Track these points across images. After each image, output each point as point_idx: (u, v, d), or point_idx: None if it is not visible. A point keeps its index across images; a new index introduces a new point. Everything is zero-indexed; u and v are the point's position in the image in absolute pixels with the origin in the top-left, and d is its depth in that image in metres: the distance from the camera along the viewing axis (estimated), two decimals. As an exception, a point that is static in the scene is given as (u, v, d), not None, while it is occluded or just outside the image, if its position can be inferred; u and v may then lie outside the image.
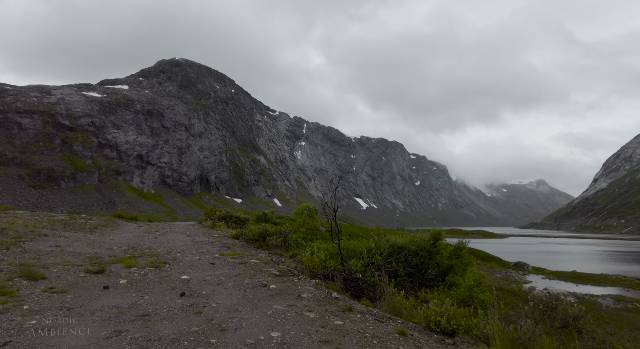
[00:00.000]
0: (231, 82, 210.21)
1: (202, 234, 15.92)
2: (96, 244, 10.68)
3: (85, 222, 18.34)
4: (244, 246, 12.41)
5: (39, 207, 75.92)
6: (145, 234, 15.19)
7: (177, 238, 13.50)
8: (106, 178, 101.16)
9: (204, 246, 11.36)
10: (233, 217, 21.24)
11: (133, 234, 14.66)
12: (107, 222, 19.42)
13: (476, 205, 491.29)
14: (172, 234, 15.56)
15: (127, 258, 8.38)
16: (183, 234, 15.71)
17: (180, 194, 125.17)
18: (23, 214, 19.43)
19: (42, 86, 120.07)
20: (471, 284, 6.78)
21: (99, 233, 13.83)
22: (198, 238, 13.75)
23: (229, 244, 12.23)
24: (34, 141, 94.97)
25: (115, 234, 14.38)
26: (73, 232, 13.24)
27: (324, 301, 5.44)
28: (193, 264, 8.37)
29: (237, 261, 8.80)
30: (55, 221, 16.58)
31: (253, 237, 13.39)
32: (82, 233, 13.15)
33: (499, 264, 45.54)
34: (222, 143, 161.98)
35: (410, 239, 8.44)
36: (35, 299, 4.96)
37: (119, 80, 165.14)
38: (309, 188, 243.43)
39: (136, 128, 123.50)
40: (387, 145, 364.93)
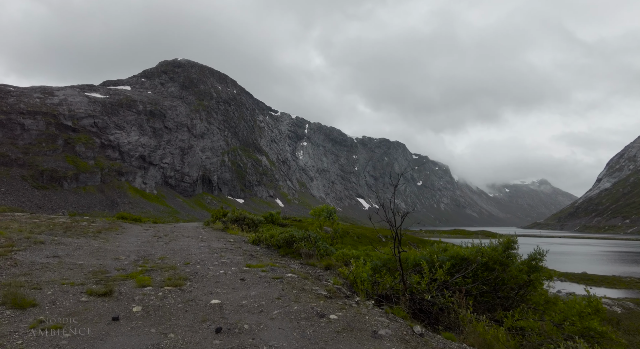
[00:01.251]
0: (233, 83, 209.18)
1: (216, 238, 14.66)
2: (100, 253, 9.51)
3: (88, 225, 17.02)
4: (268, 253, 11.24)
5: (41, 208, 74.84)
6: (153, 238, 13.93)
7: (191, 244, 12.24)
8: (109, 179, 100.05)
9: (223, 254, 10.19)
10: (246, 219, 19.88)
11: (141, 239, 13.42)
12: (111, 225, 18.07)
13: (479, 205, 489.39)
14: (184, 238, 14.28)
15: (139, 272, 7.12)
16: (195, 238, 14.44)
17: (182, 195, 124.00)
18: (21, 217, 18.14)
19: (44, 87, 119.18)
20: (583, 310, 5.27)
21: (103, 238, 12.65)
22: (214, 244, 12.49)
23: (250, 252, 10.99)
24: (37, 142, 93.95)
25: (121, 239, 13.18)
26: (74, 237, 12.13)
27: (411, 342, 3.98)
28: (219, 280, 7.04)
29: (270, 276, 7.49)
30: (55, 225, 15.42)
31: (277, 244, 12.08)
32: (84, 239, 12.00)
33: None
34: (224, 144, 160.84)
35: (477, 249, 7.12)
36: (17, 343, 3.53)
37: (121, 81, 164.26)
38: (311, 188, 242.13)
39: (138, 129, 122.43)
40: (389, 145, 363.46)
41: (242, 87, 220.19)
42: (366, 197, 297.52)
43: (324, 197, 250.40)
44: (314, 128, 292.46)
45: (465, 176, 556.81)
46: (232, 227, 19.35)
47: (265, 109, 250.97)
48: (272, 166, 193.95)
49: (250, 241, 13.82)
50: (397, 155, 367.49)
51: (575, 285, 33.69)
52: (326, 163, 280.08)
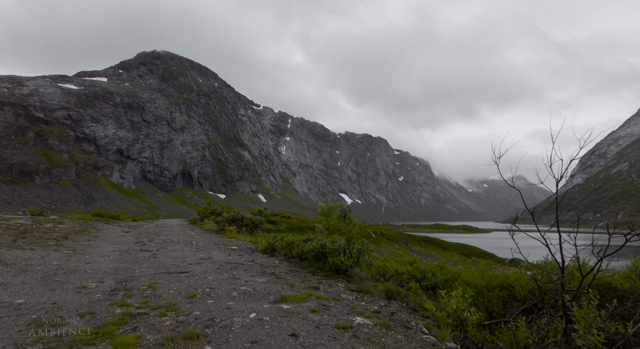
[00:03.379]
0: (214, 76, 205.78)
1: (214, 245, 12.54)
2: (60, 276, 6.90)
3: (53, 227, 15.03)
4: (292, 269, 8.84)
5: (10, 203, 72.43)
6: (136, 246, 11.86)
7: (187, 256, 9.98)
8: (84, 173, 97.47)
9: (237, 274, 7.80)
10: (245, 219, 17.99)
11: (119, 247, 11.29)
12: (82, 227, 16.93)
13: (458, 200, 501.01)
14: (174, 245, 12.31)
15: (118, 321, 4.62)
16: (189, 245, 12.41)
17: (162, 190, 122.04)
18: None
19: (13, 77, 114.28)
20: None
21: (68, 248, 10.19)
22: (217, 255, 10.26)
23: (270, 269, 8.68)
24: (5, 135, 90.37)
25: (94, 248, 10.91)
26: (27, 248, 9.49)
27: None
28: (256, 337, 4.34)
29: (331, 322, 4.98)
30: (8, 228, 13.04)
31: (299, 256, 9.87)
32: (41, 250, 9.47)
33: (494, 261, 45.95)
34: (205, 138, 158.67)
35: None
36: None
37: (97, 72, 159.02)
38: (294, 184, 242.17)
39: (116, 122, 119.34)
40: (371, 141, 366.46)
41: (224, 81, 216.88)
42: (349, 193, 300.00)
43: (306, 192, 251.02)
44: (297, 123, 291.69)
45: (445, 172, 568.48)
46: (230, 229, 17.08)
47: (247, 103, 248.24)
48: (254, 161, 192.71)
49: (261, 250, 11.57)
50: (379, 151, 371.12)
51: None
52: (309, 158, 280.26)
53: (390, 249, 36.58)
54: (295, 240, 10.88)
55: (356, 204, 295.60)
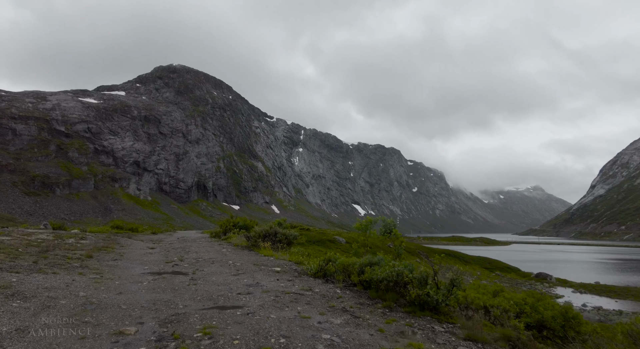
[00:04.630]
0: (228, 89, 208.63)
1: (253, 265, 11.53)
2: (90, 314, 5.81)
3: (76, 242, 14.35)
4: (361, 302, 7.58)
5: (32, 215, 73.28)
6: (167, 267, 10.87)
7: (231, 282, 8.86)
8: (102, 185, 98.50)
9: (300, 308, 6.74)
10: (279, 234, 16.47)
11: (150, 270, 10.30)
12: (105, 243, 16.33)
13: (473, 211, 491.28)
14: (209, 266, 11.24)
15: None
16: (226, 266, 11.32)
17: (177, 201, 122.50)
18: None
19: (37, 92, 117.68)
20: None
21: (94, 271, 9.32)
22: (262, 280, 9.23)
23: (335, 301, 7.53)
24: (29, 147, 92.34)
25: (122, 270, 10.00)
26: (49, 272, 8.47)
27: None
28: None
29: None
30: (29, 245, 12.27)
31: (364, 283, 8.43)
32: (65, 274, 8.49)
33: (519, 275, 43.53)
34: (219, 149, 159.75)
35: None
36: None
37: (115, 86, 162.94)
38: (307, 195, 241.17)
39: (133, 134, 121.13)
40: (384, 151, 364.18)
41: (238, 93, 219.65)
42: (362, 204, 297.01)
43: (319, 203, 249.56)
44: (310, 134, 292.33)
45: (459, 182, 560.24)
46: (264, 246, 15.65)
47: (260, 115, 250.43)
48: (267, 172, 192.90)
49: (310, 274, 10.31)
50: (393, 161, 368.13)
51: (597, 297, 31.69)
52: (322, 169, 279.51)
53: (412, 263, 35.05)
54: (352, 263, 9.57)
55: (369, 215, 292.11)
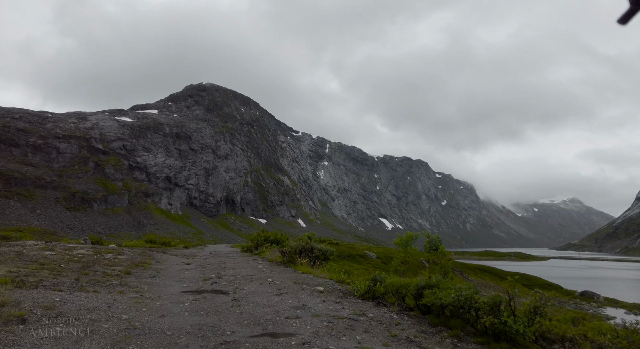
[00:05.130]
0: (256, 105, 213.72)
1: (293, 283, 11.07)
2: (134, 340, 5.47)
3: (113, 258, 14.98)
4: (423, 329, 6.92)
5: (72, 229, 76.59)
6: (206, 284, 10.52)
7: (275, 303, 8.36)
8: (136, 200, 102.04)
9: (359, 338, 6.16)
10: (315, 250, 15.94)
11: (189, 288, 9.98)
12: (142, 258, 16.55)
13: (506, 225, 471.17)
14: (249, 284, 10.78)
15: None
16: (266, 283, 10.98)
17: (206, 215, 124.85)
18: (31, 249, 15.04)
19: (78, 113, 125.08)
20: None
21: (134, 289, 9.18)
22: (308, 301, 8.63)
23: (395, 328, 6.87)
24: (70, 165, 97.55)
25: (161, 288, 9.80)
26: (90, 290, 8.37)
27: None
28: None
29: None
30: (71, 261, 12.64)
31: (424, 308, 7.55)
32: (106, 292, 8.36)
33: (561, 293, 40.51)
34: (247, 164, 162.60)
35: None
36: None
37: (149, 105, 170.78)
38: (333, 208, 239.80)
39: (165, 151, 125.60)
40: (411, 164, 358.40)
41: (265, 109, 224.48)
42: (389, 217, 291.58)
43: (345, 217, 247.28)
44: (335, 148, 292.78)
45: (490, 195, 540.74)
46: (301, 262, 15.11)
47: (286, 129, 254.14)
48: (293, 186, 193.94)
49: (358, 295, 9.49)
50: (420, 174, 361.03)
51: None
52: (347, 182, 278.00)
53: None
54: (404, 284, 8.71)
55: (397, 229, 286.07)
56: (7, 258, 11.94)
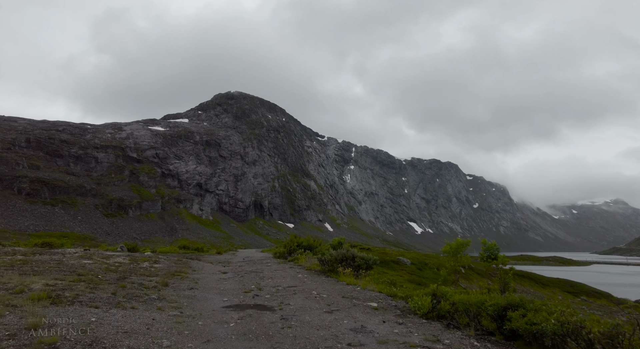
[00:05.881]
0: (282, 111, 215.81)
1: (341, 297, 10.08)
2: None
3: (149, 267, 14.74)
4: None
5: (110, 234, 79.38)
6: (247, 298, 9.85)
7: (329, 323, 7.42)
8: (168, 206, 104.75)
9: None
10: (357, 258, 14.90)
11: (230, 302, 9.25)
12: (178, 267, 16.12)
13: (542, 228, 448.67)
14: (294, 297, 10.00)
15: None
16: (311, 297, 10.07)
17: (236, 220, 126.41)
18: (70, 257, 15.22)
19: (115, 123, 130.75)
20: None
21: (173, 305, 8.50)
22: (365, 321, 7.69)
23: None
24: (107, 173, 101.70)
25: (201, 302, 9.12)
26: (129, 306, 7.75)
27: None
28: None
29: None
30: (107, 270, 12.44)
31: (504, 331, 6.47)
32: (144, 309, 7.73)
33: (611, 302, 37.02)
34: (274, 170, 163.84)
35: None
36: None
37: (180, 114, 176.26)
38: (360, 212, 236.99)
39: (195, 158, 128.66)
40: (440, 166, 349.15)
41: (291, 115, 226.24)
42: (418, 221, 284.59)
43: (373, 221, 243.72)
44: (361, 151, 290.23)
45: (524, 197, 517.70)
46: (344, 272, 13.98)
47: (312, 134, 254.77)
48: (320, 190, 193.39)
49: (421, 313, 8.21)
50: (450, 176, 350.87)
51: None
52: (374, 186, 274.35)
53: (482, 285, 30.91)
54: (477, 302, 7.41)
55: (427, 233, 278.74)
56: (46, 268, 11.65)
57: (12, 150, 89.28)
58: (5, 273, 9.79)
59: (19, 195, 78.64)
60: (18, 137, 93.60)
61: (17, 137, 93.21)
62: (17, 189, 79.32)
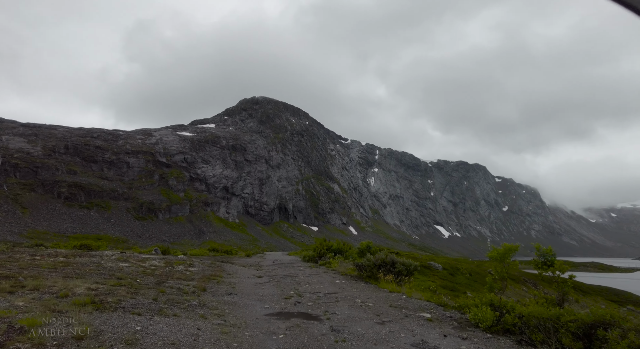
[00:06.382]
0: (305, 115, 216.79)
1: (389, 306, 9.38)
2: None
3: (185, 271, 14.71)
4: None
5: (141, 237, 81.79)
6: (289, 304, 9.36)
7: (381, 334, 6.88)
8: (196, 209, 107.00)
9: None
10: (397, 264, 14.00)
11: (272, 310, 8.80)
12: (212, 270, 15.99)
13: (578, 232, 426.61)
14: (337, 305, 9.34)
15: None
16: (356, 306, 9.36)
17: (261, 223, 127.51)
18: (108, 259, 15.70)
19: (145, 129, 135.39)
20: None
21: (215, 312, 8.09)
22: (421, 332, 7.10)
23: None
24: (138, 178, 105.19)
25: (241, 309, 8.69)
26: (171, 314, 7.37)
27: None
28: None
29: None
30: (145, 273, 12.46)
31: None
32: (186, 317, 7.32)
33: None
34: (298, 173, 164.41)
35: None
36: None
37: (206, 120, 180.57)
38: (385, 215, 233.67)
39: (222, 162, 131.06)
40: (467, 168, 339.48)
41: (314, 119, 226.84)
42: (445, 225, 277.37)
43: (398, 224, 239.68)
44: (385, 154, 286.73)
45: (556, 199, 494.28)
46: (385, 278, 13.17)
47: (335, 137, 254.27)
48: (344, 193, 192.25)
49: (484, 327, 7.25)
50: (478, 178, 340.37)
51: None
52: (399, 189, 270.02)
53: (517, 292, 29.57)
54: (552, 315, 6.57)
55: (454, 237, 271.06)
56: (87, 271, 11.66)
57: (52, 156, 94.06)
58: (49, 275, 9.79)
59: (59, 199, 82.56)
60: (57, 144, 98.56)
61: (56, 144, 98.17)
62: (57, 193, 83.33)
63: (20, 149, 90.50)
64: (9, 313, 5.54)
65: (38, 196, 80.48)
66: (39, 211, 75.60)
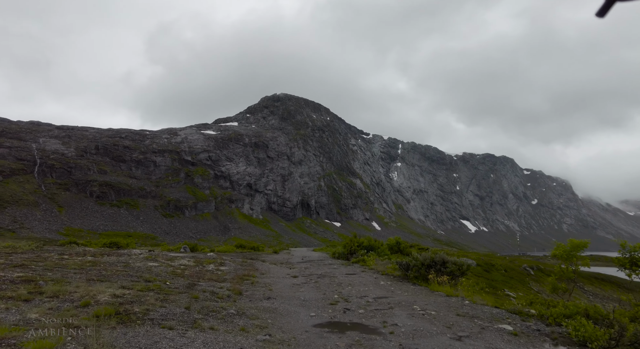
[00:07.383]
0: (326, 111, 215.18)
1: (454, 314, 8.11)
2: None
3: (216, 270, 13.96)
4: None
5: (168, 234, 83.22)
6: (337, 311, 8.28)
7: None
8: (221, 206, 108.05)
9: None
10: (448, 264, 12.55)
11: (320, 319, 7.68)
12: (244, 270, 15.11)
13: (614, 225, 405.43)
14: (393, 313, 8.15)
15: None
16: (415, 313, 8.22)
17: (284, 219, 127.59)
18: (136, 258, 15.23)
19: (171, 129, 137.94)
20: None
21: (256, 323, 7.05)
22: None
23: None
24: (165, 176, 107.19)
25: (285, 318, 7.67)
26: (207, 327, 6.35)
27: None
28: None
29: None
30: (174, 274, 11.80)
31: None
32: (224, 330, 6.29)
33: None
34: (320, 169, 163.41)
35: None
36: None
37: (229, 118, 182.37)
38: (409, 210, 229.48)
39: (245, 160, 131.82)
40: (494, 161, 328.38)
41: (335, 114, 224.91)
42: (472, 219, 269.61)
43: (423, 219, 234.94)
44: (408, 148, 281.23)
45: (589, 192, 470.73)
46: (437, 280, 12.06)
47: (357, 132, 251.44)
48: (366, 189, 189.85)
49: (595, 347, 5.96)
50: (505, 171, 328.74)
51: None
52: (423, 183, 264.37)
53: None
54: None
55: (481, 232, 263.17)
56: (114, 272, 10.82)
57: (84, 157, 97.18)
58: (73, 278, 8.99)
59: (91, 197, 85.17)
60: (89, 145, 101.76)
61: (88, 145, 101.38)
62: (89, 192, 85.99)
63: (55, 150, 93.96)
64: (17, 331, 4.54)
65: (72, 195, 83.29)
66: (73, 210, 78.20)
